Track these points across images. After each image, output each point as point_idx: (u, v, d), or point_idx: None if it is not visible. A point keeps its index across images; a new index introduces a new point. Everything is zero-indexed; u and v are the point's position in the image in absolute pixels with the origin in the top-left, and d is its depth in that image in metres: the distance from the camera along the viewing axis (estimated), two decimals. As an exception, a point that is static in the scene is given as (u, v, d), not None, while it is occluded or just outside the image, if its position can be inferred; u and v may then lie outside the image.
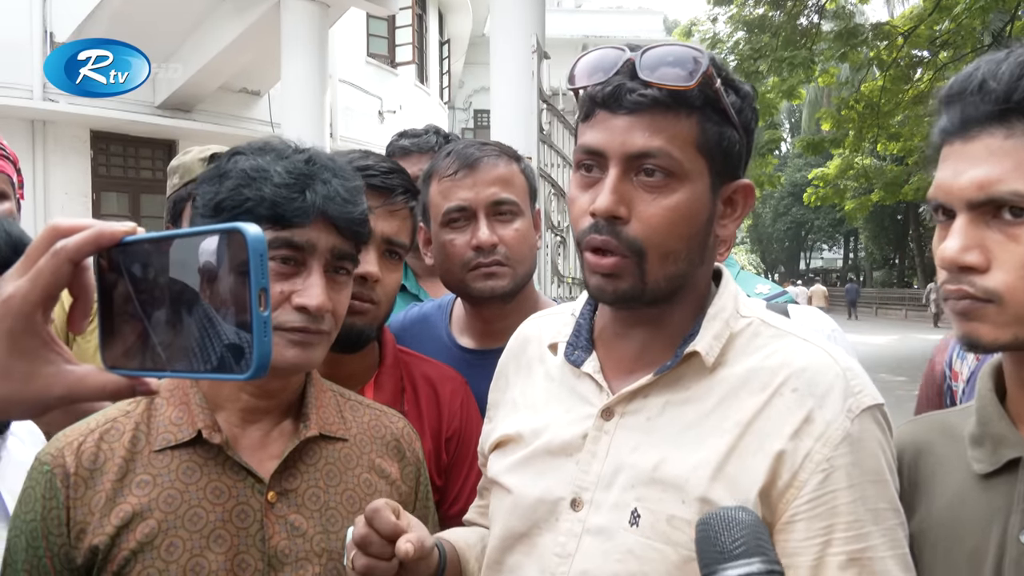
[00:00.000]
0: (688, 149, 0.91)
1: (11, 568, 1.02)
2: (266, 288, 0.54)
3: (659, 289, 0.95)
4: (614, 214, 0.92)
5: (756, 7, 11.64)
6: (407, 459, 1.24)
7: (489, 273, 1.50)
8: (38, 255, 0.58)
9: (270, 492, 1.06)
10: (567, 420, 1.02)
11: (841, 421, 0.89)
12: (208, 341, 0.56)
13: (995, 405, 0.90)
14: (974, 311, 0.81)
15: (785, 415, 0.91)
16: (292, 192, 1.04)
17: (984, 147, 0.79)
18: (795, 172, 33.28)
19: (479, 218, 1.50)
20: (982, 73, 0.80)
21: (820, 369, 0.93)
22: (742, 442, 0.91)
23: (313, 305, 1.04)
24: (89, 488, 1.02)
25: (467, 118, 22.42)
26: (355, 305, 1.32)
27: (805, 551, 0.87)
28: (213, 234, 0.57)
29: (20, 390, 0.59)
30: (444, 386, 1.50)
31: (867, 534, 0.87)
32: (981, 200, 0.80)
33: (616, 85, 0.91)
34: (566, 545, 0.96)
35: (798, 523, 0.88)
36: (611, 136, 0.92)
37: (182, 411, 1.08)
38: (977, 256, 0.80)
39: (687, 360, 0.96)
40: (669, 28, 23.67)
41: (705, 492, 0.89)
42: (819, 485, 0.88)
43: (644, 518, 0.91)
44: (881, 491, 0.89)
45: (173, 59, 9.42)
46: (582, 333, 1.06)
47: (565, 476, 0.99)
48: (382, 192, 1.37)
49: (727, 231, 0.99)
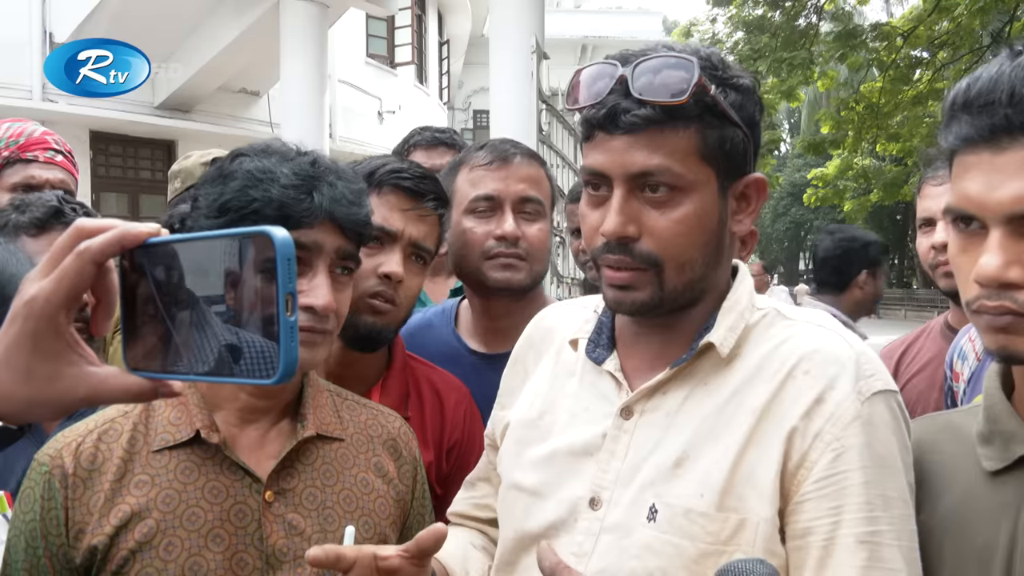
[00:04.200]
0: (690, 160, 0.91)
1: (11, 568, 1.03)
2: (293, 292, 0.54)
3: (677, 296, 0.96)
4: (623, 235, 0.92)
5: (755, 8, 11.64)
6: (404, 458, 1.24)
7: (508, 264, 1.51)
8: (62, 255, 0.58)
9: (267, 491, 1.06)
10: (586, 419, 1.02)
11: (852, 401, 0.89)
12: (232, 345, 0.56)
13: (1004, 403, 0.90)
14: (1015, 326, 0.80)
15: (797, 397, 0.90)
16: (299, 193, 1.05)
17: (1019, 160, 0.77)
18: (794, 172, 33.30)
19: (505, 210, 1.52)
20: (1009, 81, 0.77)
21: (832, 351, 0.92)
22: (758, 430, 0.91)
23: (320, 305, 1.05)
24: (88, 489, 1.03)
25: (466, 118, 22.42)
26: (376, 304, 1.33)
27: (816, 531, 0.87)
28: (239, 237, 0.56)
29: (43, 391, 0.59)
30: (449, 396, 1.50)
31: (877, 518, 0.86)
32: (1020, 214, 0.78)
33: (611, 107, 0.91)
34: (583, 544, 0.95)
35: (808, 502, 0.88)
36: (611, 157, 0.92)
37: (180, 411, 1.08)
38: (1019, 272, 0.78)
39: (703, 353, 0.96)
40: (668, 28, 23.66)
41: (725, 483, 0.89)
42: (829, 464, 0.87)
43: (661, 513, 0.91)
44: (891, 478, 0.88)
45: (172, 59, 9.41)
46: (604, 331, 1.06)
47: (585, 476, 0.98)
48: (413, 195, 1.38)
49: (743, 227, 0.99)
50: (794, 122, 34.22)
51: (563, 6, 27.76)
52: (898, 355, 2.11)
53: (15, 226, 1.65)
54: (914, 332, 2.19)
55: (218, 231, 0.58)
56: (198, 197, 1.10)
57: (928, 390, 1.96)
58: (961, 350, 1.72)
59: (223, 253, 0.57)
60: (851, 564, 0.85)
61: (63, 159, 2.20)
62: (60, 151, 2.19)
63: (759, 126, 0.99)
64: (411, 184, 1.38)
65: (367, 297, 1.33)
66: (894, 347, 2.16)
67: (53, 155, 2.17)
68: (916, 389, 1.99)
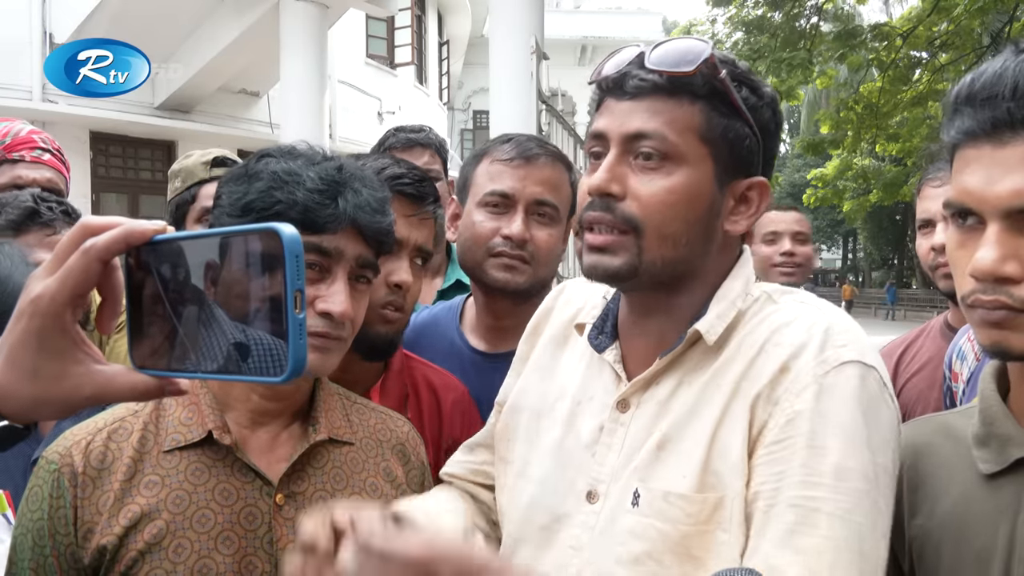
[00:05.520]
0: (688, 135, 0.92)
1: (16, 567, 1.02)
2: (302, 290, 0.53)
3: (655, 270, 0.94)
4: (606, 191, 0.93)
5: (755, 8, 11.64)
6: (412, 463, 1.24)
7: (510, 265, 1.49)
8: (67, 253, 0.58)
9: (278, 494, 1.06)
10: (589, 410, 1.02)
11: (812, 368, 0.87)
12: (240, 343, 0.55)
13: (1000, 405, 0.90)
14: (1008, 321, 0.80)
15: (763, 368, 0.90)
16: (325, 199, 1.04)
17: (1020, 154, 0.77)
18: (794, 173, 33.28)
19: (517, 210, 1.50)
20: (1013, 76, 0.77)
21: (804, 323, 0.91)
22: (730, 406, 0.90)
23: (337, 311, 1.05)
24: (97, 488, 1.02)
25: (466, 119, 22.43)
26: (387, 314, 1.33)
27: (761, 495, 0.85)
28: (246, 234, 0.56)
29: (49, 390, 0.59)
30: (447, 395, 1.50)
31: (817, 484, 0.82)
32: (1020, 208, 0.78)
33: (623, 73, 0.95)
34: (580, 538, 0.96)
35: (758, 467, 0.86)
36: (613, 119, 0.95)
37: (192, 411, 1.08)
38: (1016, 267, 0.78)
39: (694, 342, 0.96)
40: (668, 29, 23.68)
41: (704, 462, 0.89)
42: (780, 429, 0.86)
43: (643, 497, 0.92)
44: (850, 449, 0.83)
45: (172, 60, 9.41)
46: (608, 318, 1.06)
47: (583, 468, 0.99)
48: (416, 201, 1.37)
49: (739, 227, 0.98)
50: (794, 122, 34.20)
51: (563, 6, 27.75)
52: (897, 355, 2.11)
53: None
54: (913, 332, 2.19)
55: (225, 228, 0.57)
56: (221, 195, 1.09)
57: (927, 390, 1.96)
58: (960, 350, 1.72)
59: (231, 251, 0.56)
60: (777, 527, 0.82)
61: (51, 157, 2.16)
62: (48, 149, 2.16)
63: (774, 137, 0.98)
64: (412, 190, 1.36)
65: (379, 307, 1.32)
66: (894, 347, 2.17)
67: (40, 154, 2.13)
68: (915, 389, 1.99)
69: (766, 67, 10.76)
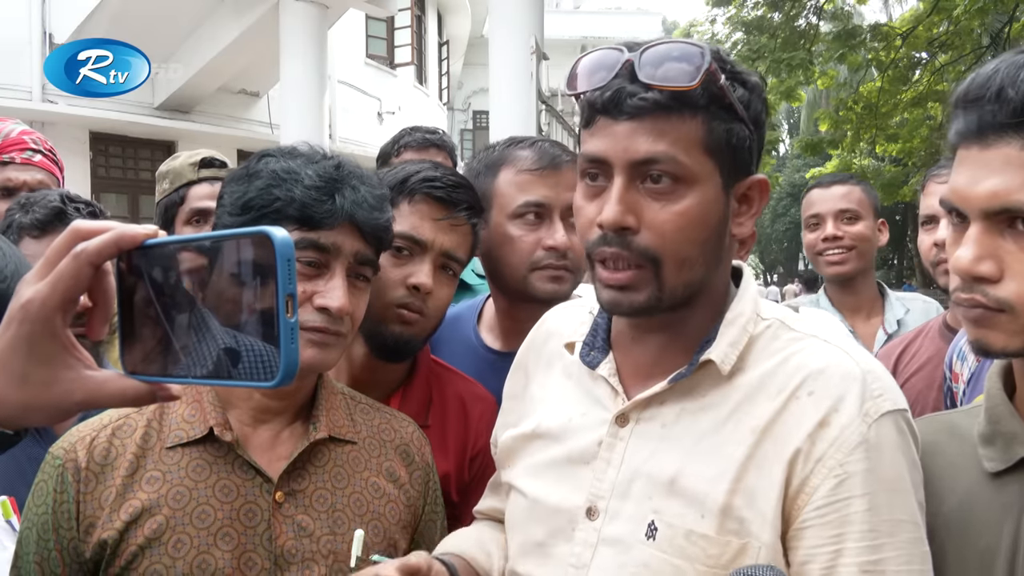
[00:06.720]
0: (695, 151, 0.88)
1: (22, 560, 1.04)
2: (293, 294, 0.53)
3: (676, 297, 0.92)
4: (622, 225, 0.88)
5: (754, 9, 11.64)
6: (416, 463, 1.24)
7: (557, 276, 1.48)
8: (58, 258, 0.57)
9: (278, 492, 1.07)
10: (582, 424, 1.00)
11: (857, 425, 0.85)
12: (232, 347, 0.55)
13: (1006, 403, 0.90)
14: (986, 319, 0.81)
15: (800, 419, 0.87)
16: (322, 195, 1.06)
17: (1002, 156, 0.78)
18: (793, 173, 33.25)
19: (554, 219, 1.48)
20: (1001, 79, 0.78)
21: (838, 371, 0.89)
22: (759, 450, 0.88)
23: (335, 306, 1.06)
24: (100, 483, 1.04)
25: (466, 119, 22.41)
26: (403, 315, 1.32)
27: (816, 559, 0.84)
28: (239, 238, 0.55)
29: (39, 396, 0.58)
30: (474, 406, 1.48)
31: (881, 546, 0.83)
32: (996, 209, 0.79)
33: (616, 90, 0.87)
34: (581, 555, 0.94)
35: (808, 530, 0.85)
36: (614, 143, 0.88)
37: (195, 408, 1.09)
38: (991, 266, 0.80)
39: (703, 367, 0.93)
40: (668, 29, 23.70)
41: (725, 506, 0.87)
42: (831, 491, 0.84)
43: (661, 532, 0.89)
44: (899, 501, 0.85)
45: (172, 60, 9.42)
46: (599, 333, 1.03)
47: (581, 484, 0.96)
48: (445, 205, 1.35)
49: (744, 229, 0.96)
50: (793, 122, 34.21)
51: (562, 7, 27.75)
52: (896, 354, 2.11)
53: (19, 227, 1.64)
54: (913, 331, 2.19)
55: (216, 232, 0.57)
56: (223, 195, 1.11)
57: (927, 390, 1.96)
58: (961, 351, 1.73)
59: (222, 255, 0.56)
60: None
61: (42, 159, 2.13)
62: (39, 150, 2.13)
63: (764, 128, 0.96)
64: (443, 194, 1.35)
65: (395, 307, 1.31)
66: (893, 346, 2.17)
67: (31, 155, 2.10)
68: (915, 388, 2.00)
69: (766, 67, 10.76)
